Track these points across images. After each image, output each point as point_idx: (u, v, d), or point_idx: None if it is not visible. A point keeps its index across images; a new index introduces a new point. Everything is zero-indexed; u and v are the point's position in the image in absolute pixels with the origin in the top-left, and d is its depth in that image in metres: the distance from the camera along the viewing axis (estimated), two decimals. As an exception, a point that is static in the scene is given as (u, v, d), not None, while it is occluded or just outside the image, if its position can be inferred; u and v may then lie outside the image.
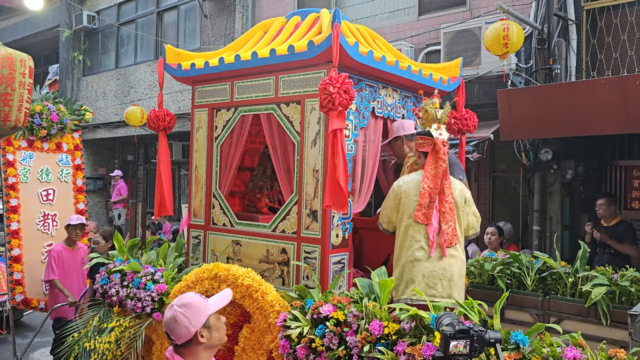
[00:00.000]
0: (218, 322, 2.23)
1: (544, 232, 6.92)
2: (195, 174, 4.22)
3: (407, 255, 3.34)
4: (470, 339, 1.90)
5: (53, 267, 5.54)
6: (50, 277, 5.54)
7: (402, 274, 3.35)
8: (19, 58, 3.63)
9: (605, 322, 3.64)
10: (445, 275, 3.35)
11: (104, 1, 13.42)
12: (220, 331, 2.23)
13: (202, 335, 2.15)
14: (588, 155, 6.71)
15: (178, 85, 10.74)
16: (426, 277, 3.30)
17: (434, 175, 3.36)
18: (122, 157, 14.57)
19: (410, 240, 3.36)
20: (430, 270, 3.31)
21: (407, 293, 3.28)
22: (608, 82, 5.51)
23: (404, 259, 3.35)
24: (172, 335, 2.17)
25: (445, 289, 3.34)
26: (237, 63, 3.80)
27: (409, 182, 3.45)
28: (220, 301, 2.27)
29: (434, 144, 3.36)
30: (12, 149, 5.96)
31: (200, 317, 2.16)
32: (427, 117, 3.40)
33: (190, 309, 2.16)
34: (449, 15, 7.69)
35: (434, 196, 3.33)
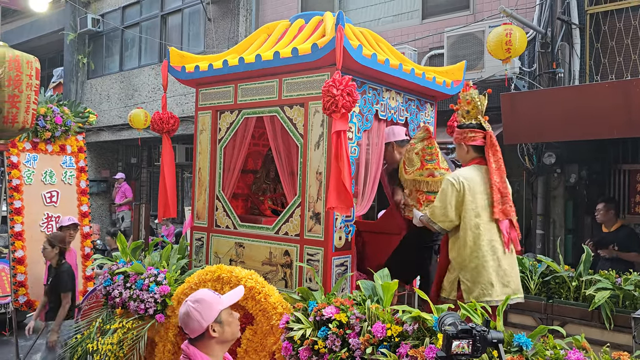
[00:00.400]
0: (230, 317, 2.29)
1: (547, 236, 6.91)
2: (199, 176, 4.23)
3: (480, 255, 3.26)
4: (472, 339, 1.89)
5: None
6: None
7: (476, 277, 3.26)
8: (26, 60, 3.66)
9: (609, 326, 3.64)
10: (514, 270, 3.39)
11: (108, 4, 13.48)
12: (233, 326, 2.29)
13: (214, 329, 2.22)
14: (592, 159, 6.70)
15: (182, 88, 10.77)
16: (500, 276, 3.29)
17: (498, 169, 3.34)
18: (125, 160, 14.60)
19: (481, 239, 3.27)
20: (504, 268, 3.30)
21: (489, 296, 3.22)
22: (612, 86, 5.50)
23: (477, 261, 3.27)
24: (186, 330, 2.26)
25: (516, 284, 3.39)
26: (240, 65, 3.81)
27: (471, 179, 3.32)
28: (232, 297, 2.34)
29: (490, 137, 3.38)
30: (16, 150, 5.98)
31: (212, 312, 2.23)
32: (475, 110, 3.39)
33: (203, 304, 2.23)
34: (453, 19, 7.70)
35: (503, 190, 3.32)
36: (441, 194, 3.36)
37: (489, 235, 3.29)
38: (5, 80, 3.48)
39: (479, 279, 3.26)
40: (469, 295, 3.26)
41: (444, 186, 3.37)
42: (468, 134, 3.42)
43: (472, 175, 3.34)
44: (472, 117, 3.43)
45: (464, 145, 3.46)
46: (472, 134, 3.41)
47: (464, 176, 3.34)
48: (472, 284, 3.27)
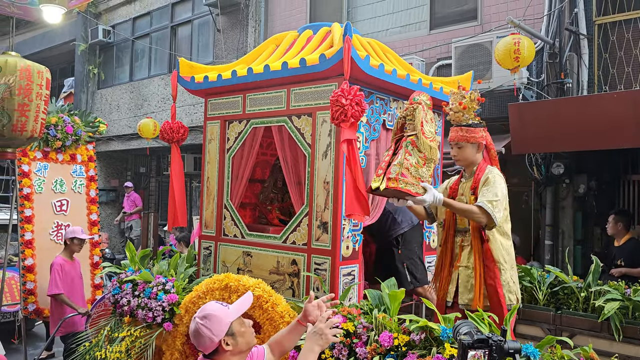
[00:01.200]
0: (242, 327, 2.24)
1: (556, 246, 6.87)
2: (207, 185, 4.26)
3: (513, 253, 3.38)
4: (489, 349, 1.83)
5: (57, 281, 5.39)
6: (54, 291, 5.39)
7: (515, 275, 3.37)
8: (37, 70, 3.71)
9: (618, 337, 3.60)
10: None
11: (119, 16, 13.65)
12: (246, 336, 2.24)
13: (227, 343, 2.17)
14: (601, 169, 6.67)
15: (191, 99, 10.86)
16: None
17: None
18: (134, 169, 14.70)
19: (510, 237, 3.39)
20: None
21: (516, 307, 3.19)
22: (620, 96, 5.49)
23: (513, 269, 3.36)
24: (199, 347, 2.21)
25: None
26: (249, 76, 3.85)
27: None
28: (241, 306, 2.29)
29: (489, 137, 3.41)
30: (27, 159, 6.06)
31: (222, 326, 2.18)
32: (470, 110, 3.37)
33: (211, 319, 2.18)
34: (460, 30, 7.73)
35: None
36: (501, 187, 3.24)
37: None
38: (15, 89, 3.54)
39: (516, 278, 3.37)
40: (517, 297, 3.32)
41: (500, 180, 3.29)
42: (482, 132, 3.40)
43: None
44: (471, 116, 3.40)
45: (478, 145, 3.41)
46: (483, 133, 3.42)
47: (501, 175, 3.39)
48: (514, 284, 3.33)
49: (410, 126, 2.99)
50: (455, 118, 3.43)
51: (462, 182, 3.50)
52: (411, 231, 4.04)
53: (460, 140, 3.39)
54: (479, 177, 3.36)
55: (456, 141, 3.41)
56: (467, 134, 3.38)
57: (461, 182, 3.51)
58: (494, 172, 3.35)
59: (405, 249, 4.04)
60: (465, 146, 3.40)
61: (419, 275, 4.01)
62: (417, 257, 4.08)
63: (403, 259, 3.99)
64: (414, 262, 4.04)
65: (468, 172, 3.48)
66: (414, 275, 3.98)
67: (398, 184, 2.56)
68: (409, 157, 2.73)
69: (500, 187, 3.25)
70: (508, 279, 3.28)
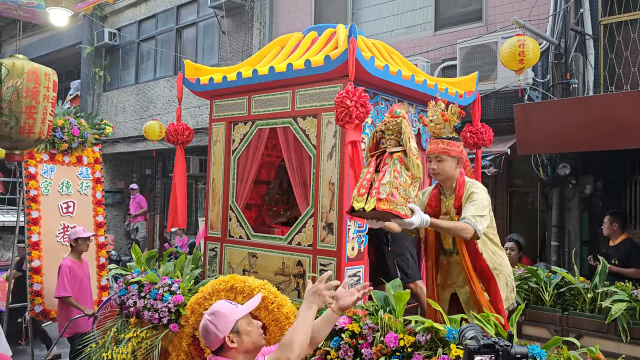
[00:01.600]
0: (249, 326, 2.27)
1: (562, 247, 6.84)
2: (213, 187, 4.27)
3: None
4: (495, 354, 1.77)
5: (65, 283, 5.38)
6: (62, 294, 5.38)
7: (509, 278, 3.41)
8: (44, 72, 3.74)
9: (625, 338, 3.59)
10: None
11: (125, 18, 13.71)
12: (252, 335, 2.26)
13: (232, 340, 2.21)
14: (607, 170, 6.65)
15: (196, 101, 10.89)
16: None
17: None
18: (140, 171, 14.76)
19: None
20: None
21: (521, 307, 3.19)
22: (626, 97, 5.48)
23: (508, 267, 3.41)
24: (207, 344, 2.27)
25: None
26: (254, 77, 3.86)
27: None
28: (249, 305, 2.33)
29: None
30: (34, 162, 6.09)
31: (228, 323, 2.23)
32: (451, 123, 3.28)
33: (218, 316, 2.24)
34: (465, 31, 7.72)
35: None
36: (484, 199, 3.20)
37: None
38: (23, 91, 3.56)
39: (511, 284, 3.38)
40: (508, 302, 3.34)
41: (484, 194, 3.23)
42: (459, 147, 3.31)
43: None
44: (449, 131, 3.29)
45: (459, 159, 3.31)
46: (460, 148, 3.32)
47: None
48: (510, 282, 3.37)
49: (391, 141, 2.74)
50: (436, 130, 3.31)
51: (442, 200, 3.38)
52: None
53: (442, 152, 3.26)
54: (461, 193, 3.26)
55: (437, 154, 3.26)
56: (448, 147, 3.26)
57: (442, 200, 3.39)
58: (475, 185, 3.27)
59: (395, 246, 4.02)
60: (446, 160, 3.27)
61: (409, 272, 3.98)
62: (408, 253, 4.04)
63: (393, 256, 3.99)
64: (404, 258, 4.01)
65: (446, 187, 3.36)
66: (404, 272, 3.95)
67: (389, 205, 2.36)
68: (398, 175, 2.53)
69: (483, 199, 3.19)
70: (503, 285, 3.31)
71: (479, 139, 4.13)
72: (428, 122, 3.32)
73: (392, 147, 2.66)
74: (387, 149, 2.66)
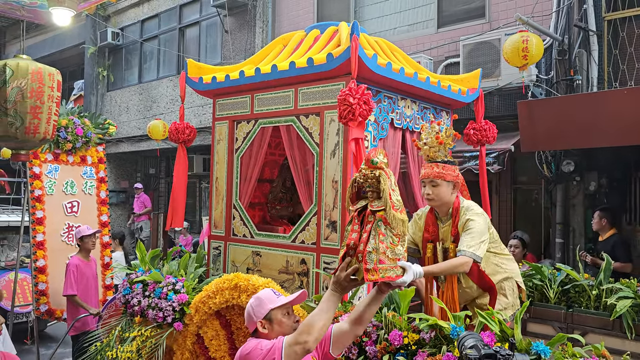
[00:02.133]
0: (284, 317, 2.38)
1: (566, 244, 6.82)
2: (216, 186, 4.27)
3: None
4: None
5: (72, 282, 5.41)
6: (69, 292, 5.42)
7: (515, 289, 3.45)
8: (48, 72, 3.74)
9: (630, 335, 3.57)
10: None
11: (128, 18, 13.74)
12: (284, 326, 2.35)
13: (263, 326, 2.35)
14: (611, 166, 6.62)
15: (199, 100, 10.90)
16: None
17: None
18: (144, 171, 14.79)
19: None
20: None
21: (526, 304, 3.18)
22: (630, 92, 5.45)
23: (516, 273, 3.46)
24: (246, 324, 2.45)
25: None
26: (257, 76, 3.86)
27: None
28: (288, 298, 2.44)
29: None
30: (38, 162, 6.11)
31: (262, 309, 2.37)
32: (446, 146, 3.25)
33: (257, 301, 2.41)
34: (468, 28, 7.70)
35: None
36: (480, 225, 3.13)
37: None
38: (28, 92, 3.57)
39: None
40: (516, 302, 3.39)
41: (481, 219, 3.16)
42: (455, 171, 3.26)
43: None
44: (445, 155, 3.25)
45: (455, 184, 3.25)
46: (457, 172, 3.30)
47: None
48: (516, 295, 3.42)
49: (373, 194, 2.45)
50: (430, 153, 3.25)
51: (440, 226, 3.34)
52: None
53: (436, 177, 3.18)
54: (457, 220, 3.21)
55: (431, 178, 3.19)
56: (443, 171, 3.18)
57: (439, 226, 3.35)
58: (471, 211, 3.19)
59: None
60: (441, 184, 3.20)
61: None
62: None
63: None
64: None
65: (441, 213, 3.32)
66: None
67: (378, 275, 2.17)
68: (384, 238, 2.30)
69: (480, 226, 3.12)
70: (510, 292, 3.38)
71: (483, 136, 4.12)
72: (422, 146, 3.27)
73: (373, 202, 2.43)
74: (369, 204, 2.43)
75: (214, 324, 3.64)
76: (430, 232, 3.37)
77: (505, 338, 2.44)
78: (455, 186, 3.25)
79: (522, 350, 2.35)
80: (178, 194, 4.28)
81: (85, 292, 5.56)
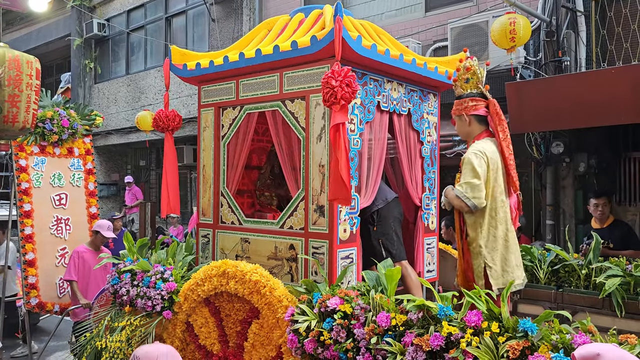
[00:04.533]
0: None
1: (557, 226, 6.85)
2: (203, 174, 4.24)
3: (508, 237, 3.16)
4: None
5: (72, 268, 5.55)
6: (67, 277, 5.57)
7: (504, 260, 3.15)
8: (26, 60, 3.68)
9: (620, 313, 3.59)
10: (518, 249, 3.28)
11: (113, 9, 13.57)
12: None
13: None
14: (601, 147, 6.62)
15: (188, 90, 10.81)
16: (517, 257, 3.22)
17: (505, 140, 3.18)
18: (134, 163, 14.70)
19: (507, 218, 3.18)
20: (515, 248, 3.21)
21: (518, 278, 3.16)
22: (618, 72, 5.44)
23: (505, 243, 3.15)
24: None
25: (520, 266, 3.30)
26: (241, 61, 3.81)
27: (493, 152, 3.15)
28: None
29: (494, 105, 3.23)
30: (24, 154, 6.03)
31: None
32: (475, 77, 3.27)
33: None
34: (456, 11, 7.65)
35: (512, 163, 3.21)
36: (471, 169, 3.09)
37: (505, 214, 3.20)
38: (5, 79, 3.51)
39: (507, 262, 3.16)
40: (497, 281, 3.13)
41: (472, 160, 3.10)
42: (469, 103, 3.24)
43: (493, 149, 3.19)
44: (473, 86, 3.29)
45: (465, 116, 3.27)
46: (472, 103, 3.24)
47: (487, 150, 3.14)
48: (501, 269, 3.15)
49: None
50: (457, 92, 3.40)
51: None
52: (386, 207, 3.97)
53: (454, 113, 3.37)
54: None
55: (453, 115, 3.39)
56: (455, 107, 3.34)
57: None
58: (470, 150, 3.17)
59: (381, 225, 3.96)
60: (457, 119, 3.33)
61: (394, 251, 3.89)
62: (393, 232, 3.96)
63: (378, 235, 3.93)
64: (389, 237, 3.93)
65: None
66: (389, 251, 3.87)
67: None
68: None
69: (471, 164, 3.07)
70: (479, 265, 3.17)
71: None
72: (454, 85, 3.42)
73: None
74: None
75: (203, 311, 3.62)
76: None
77: (492, 317, 2.43)
78: (469, 120, 3.28)
79: (509, 328, 2.35)
80: (171, 180, 4.23)
81: (87, 281, 5.59)
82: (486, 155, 3.14)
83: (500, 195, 3.18)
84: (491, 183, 3.15)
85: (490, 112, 3.28)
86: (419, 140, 4.18)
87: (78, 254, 5.62)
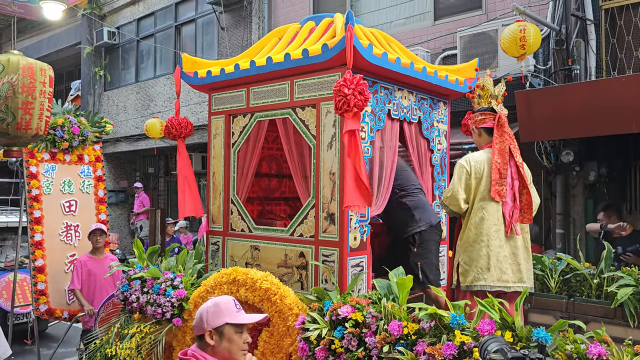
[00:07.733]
0: (235, 335, 2.23)
1: (567, 235, 6.80)
2: (213, 181, 4.25)
3: (481, 240, 3.33)
4: None
5: (74, 277, 5.56)
6: (70, 286, 5.60)
7: (472, 260, 3.34)
8: (39, 67, 3.71)
9: (632, 323, 3.56)
10: (518, 257, 3.37)
11: (123, 17, 13.69)
12: (233, 345, 2.22)
13: (211, 337, 2.21)
14: (611, 156, 6.59)
15: (197, 97, 10.86)
16: (500, 261, 3.31)
17: (501, 150, 3.39)
18: (143, 170, 14.76)
19: (485, 223, 3.34)
20: (505, 254, 3.32)
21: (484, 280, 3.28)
22: (628, 80, 5.42)
23: (477, 245, 3.34)
24: (194, 324, 2.29)
25: (515, 273, 3.36)
26: (252, 69, 3.82)
27: (479, 161, 3.43)
28: (248, 317, 2.31)
29: (499, 118, 3.46)
30: (35, 161, 6.07)
31: (217, 319, 2.22)
32: (486, 94, 3.53)
33: (215, 307, 2.25)
34: (465, 19, 7.66)
35: (503, 172, 3.35)
36: (453, 176, 3.47)
37: (492, 218, 3.35)
38: (19, 87, 3.54)
39: (475, 262, 3.33)
40: (465, 278, 3.35)
41: (455, 169, 3.47)
42: (478, 117, 3.55)
43: (481, 158, 3.45)
44: (485, 101, 3.55)
45: (475, 129, 3.58)
46: (481, 117, 3.54)
47: (472, 158, 3.46)
48: (468, 266, 3.36)
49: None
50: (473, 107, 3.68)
51: None
52: (430, 230, 3.91)
53: (469, 126, 3.72)
54: None
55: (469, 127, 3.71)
56: (470, 120, 3.64)
57: None
58: (460, 161, 3.49)
59: (422, 248, 3.88)
60: (472, 132, 3.63)
61: (431, 277, 3.86)
62: (433, 257, 3.94)
63: (418, 258, 3.85)
64: (429, 261, 3.89)
65: None
66: (426, 276, 3.83)
67: None
68: None
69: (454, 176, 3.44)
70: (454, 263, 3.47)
71: (481, 126, 4.10)
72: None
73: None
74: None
75: (213, 319, 3.61)
76: None
77: (505, 326, 2.41)
78: (479, 132, 3.57)
79: (522, 337, 2.33)
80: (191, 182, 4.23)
81: (91, 289, 5.59)
82: (470, 164, 3.43)
83: (479, 201, 3.40)
84: (472, 190, 3.41)
85: (494, 124, 3.53)
86: (429, 148, 4.18)
87: (80, 263, 5.63)
